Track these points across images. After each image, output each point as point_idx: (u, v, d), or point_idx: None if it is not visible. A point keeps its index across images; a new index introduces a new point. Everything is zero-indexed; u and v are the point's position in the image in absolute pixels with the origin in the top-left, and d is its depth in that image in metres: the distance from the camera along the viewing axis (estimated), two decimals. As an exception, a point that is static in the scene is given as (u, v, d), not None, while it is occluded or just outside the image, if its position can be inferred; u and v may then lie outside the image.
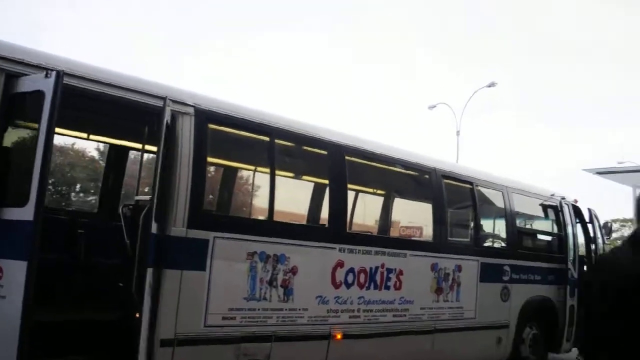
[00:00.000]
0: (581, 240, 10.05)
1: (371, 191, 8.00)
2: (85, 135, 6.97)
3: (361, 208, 7.78)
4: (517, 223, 8.93)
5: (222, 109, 5.70)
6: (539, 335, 8.95)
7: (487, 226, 8.75)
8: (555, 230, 9.71)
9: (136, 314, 4.78)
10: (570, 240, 9.60)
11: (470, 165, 8.69)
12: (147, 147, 6.19)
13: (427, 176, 7.60)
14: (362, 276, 6.46)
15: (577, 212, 10.01)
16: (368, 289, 6.51)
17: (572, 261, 9.53)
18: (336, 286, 6.23)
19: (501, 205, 8.62)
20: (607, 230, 10.84)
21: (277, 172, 6.05)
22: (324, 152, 6.49)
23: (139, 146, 6.60)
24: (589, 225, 10.11)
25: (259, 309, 5.59)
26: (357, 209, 7.57)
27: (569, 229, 9.64)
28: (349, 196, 6.80)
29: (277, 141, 6.07)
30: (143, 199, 5.49)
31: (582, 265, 9.71)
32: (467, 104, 30.36)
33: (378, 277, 6.62)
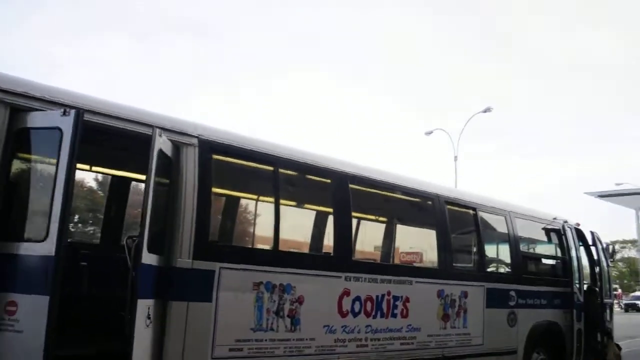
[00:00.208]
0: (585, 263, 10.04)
1: (375, 219, 8.00)
2: (87, 167, 6.96)
3: (366, 236, 7.77)
4: (521, 248, 8.91)
5: (226, 139, 5.71)
6: (547, 360, 8.88)
7: (491, 251, 8.73)
8: (559, 254, 9.69)
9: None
10: (575, 263, 9.57)
11: (470, 190, 8.67)
12: (160, 179, 6.17)
13: (430, 202, 7.60)
14: (368, 304, 6.42)
15: (580, 235, 10.02)
16: (375, 317, 6.46)
17: (577, 285, 9.50)
18: (343, 315, 6.18)
19: (505, 230, 8.61)
20: (611, 252, 10.84)
21: (281, 201, 6.05)
22: (328, 181, 6.49)
23: (141, 177, 6.59)
24: (593, 248, 10.11)
25: (266, 340, 5.53)
26: (362, 236, 7.56)
27: (573, 253, 9.63)
28: (353, 224, 6.80)
29: (281, 171, 6.07)
30: (158, 230, 5.47)
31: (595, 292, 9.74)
32: (464, 129, 30.55)
33: (384, 305, 6.57)
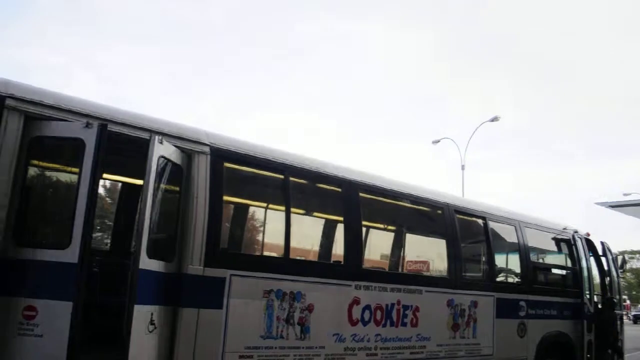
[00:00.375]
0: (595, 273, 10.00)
1: (385, 227, 7.99)
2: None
3: (376, 244, 7.77)
4: (531, 257, 8.88)
5: (237, 147, 5.76)
6: (556, 372, 8.82)
7: (501, 261, 8.70)
8: (569, 265, 9.65)
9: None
10: (585, 274, 9.53)
11: (478, 199, 8.66)
12: (162, 186, 6.22)
13: (440, 212, 7.60)
14: (378, 313, 6.42)
15: (590, 245, 9.97)
16: (385, 326, 6.46)
17: (587, 295, 9.45)
18: (353, 323, 6.19)
19: (515, 240, 8.59)
20: (621, 263, 10.77)
21: (292, 209, 6.07)
22: (339, 189, 6.52)
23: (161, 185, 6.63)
24: (603, 259, 10.06)
25: (275, 347, 5.56)
26: (372, 245, 7.56)
27: (583, 263, 9.58)
28: (363, 232, 6.81)
29: (291, 179, 6.10)
30: (158, 237, 5.51)
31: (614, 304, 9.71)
32: (471, 138, 30.44)
33: (394, 314, 6.57)
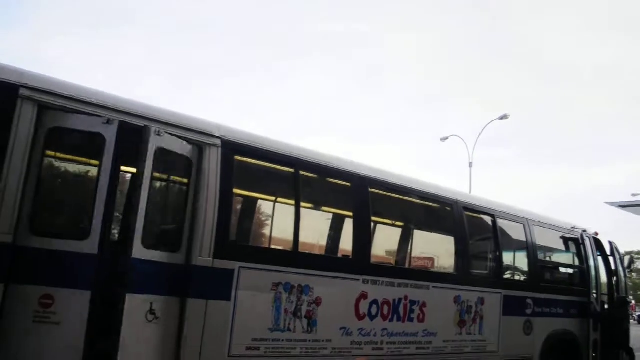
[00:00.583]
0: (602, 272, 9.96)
1: (394, 223, 8.00)
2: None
3: (384, 239, 7.78)
4: (539, 256, 8.88)
5: (248, 140, 5.79)
6: (561, 370, 8.83)
7: (509, 259, 8.68)
8: (577, 263, 9.64)
9: None
10: (593, 273, 9.51)
11: (486, 196, 8.65)
12: (164, 177, 6.23)
13: (448, 208, 7.61)
14: (385, 308, 6.44)
15: (598, 244, 9.94)
16: (391, 320, 6.49)
17: (594, 295, 9.44)
18: (360, 318, 6.21)
19: (523, 237, 8.59)
20: (628, 263, 10.75)
21: (301, 203, 6.09)
22: (348, 184, 6.54)
23: (162, 176, 6.66)
24: (611, 258, 10.03)
25: (283, 340, 5.59)
26: (380, 240, 7.56)
27: (591, 262, 9.56)
28: (372, 227, 6.83)
29: (301, 173, 6.13)
30: (160, 228, 5.54)
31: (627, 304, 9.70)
32: (479, 136, 30.38)
33: (401, 309, 6.59)
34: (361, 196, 6.53)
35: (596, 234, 10.03)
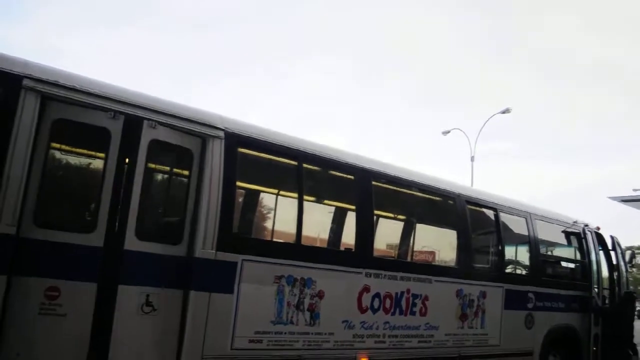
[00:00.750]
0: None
1: (397, 216, 7.98)
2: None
3: (387, 233, 7.75)
4: (541, 250, 8.89)
5: (251, 132, 5.76)
6: (562, 364, 8.84)
7: (511, 253, 8.69)
8: (579, 258, 9.64)
9: None
10: (594, 267, 9.50)
11: (488, 190, 8.62)
12: (169, 170, 6.20)
13: (451, 202, 7.60)
14: (387, 301, 6.45)
15: (600, 239, 9.93)
16: (394, 314, 6.49)
17: (596, 289, 9.44)
18: (362, 311, 6.22)
19: (525, 231, 8.59)
20: (630, 257, 10.73)
21: (305, 196, 6.08)
22: (351, 177, 6.52)
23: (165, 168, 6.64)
24: (612, 253, 10.01)
25: (285, 333, 5.60)
26: (383, 233, 7.54)
27: (593, 256, 9.56)
28: (375, 221, 6.82)
29: (304, 165, 6.11)
30: (167, 220, 5.53)
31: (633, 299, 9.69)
32: (482, 130, 30.26)
33: (404, 303, 6.60)
34: (364, 189, 6.51)
35: (598, 228, 10.01)
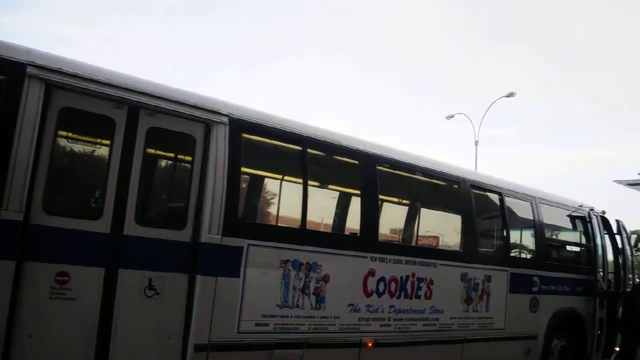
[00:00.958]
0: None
1: (402, 201, 8.00)
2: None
3: (392, 217, 7.78)
4: (546, 234, 8.89)
5: (256, 118, 5.77)
6: (567, 347, 8.88)
7: (516, 236, 8.70)
8: (584, 242, 9.63)
9: None
10: (599, 251, 9.51)
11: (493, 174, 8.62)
12: (171, 156, 6.22)
13: (456, 186, 7.61)
14: (393, 285, 6.48)
15: (605, 223, 9.92)
16: (399, 297, 6.54)
17: (601, 273, 9.44)
18: (367, 295, 6.26)
19: (530, 215, 8.59)
20: (635, 241, 10.73)
21: (309, 181, 6.10)
22: (356, 162, 6.54)
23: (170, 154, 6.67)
24: (617, 237, 10.01)
25: (291, 316, 5.65)
26: (388, 218, 7.58)
27: (598, 241, 9.55)
28: (380, 205, 6.83)
29: (309, 151, 6.12)
30: (170, 205, 5.56)
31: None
32: (486, 114, 30.16)
33: (409, 286, 6.64)
34: (369, 174, 6.53)
35: (603, 212, 9.99)
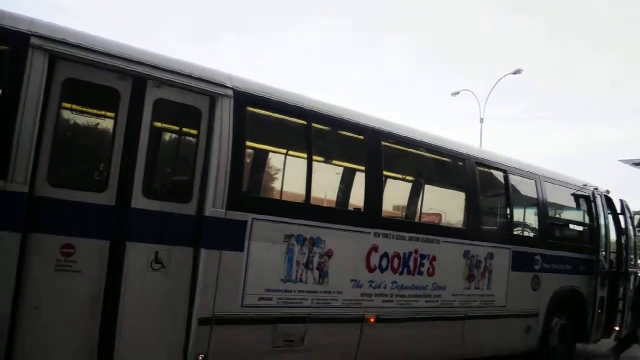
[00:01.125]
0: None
1: (406, 177, 7.97)
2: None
3: (396, 193, 7.75)
4: (550, 212, 8.88)
5: (260, 91, 5.72)
6: (567, 325, 8.94)
7: (519, 214, 8.68)
8: (587, 221, 9.62)
9: None
10: (602, 231, 9.51)
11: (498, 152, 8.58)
12: (177, 129, 6.19)
13: (461, 163, 7.58)
14: (395, 261, 6.50)
15: (609, 203, 9.91)
16: (401, 274, 6.55)
17: (603, 252, 9.46)
18: (370, 270, 6.27)
19: (534, 194, 8.57)
20: (638, 222, 10.74)
21: (314, 155, 6.07)
22: (361, 137, 6.50)
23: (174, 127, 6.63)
24: (621, 217, 10.00)
25: (294, 291, 5.67)
26: (391, 194, 7.54)
27: (601, 220, 9.56)
28: (384, 181, 6.80)
29: (314, 125, 6.08)
30: (175, 178, 5.55)
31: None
32: (492, 91, 29.99)
33: (411, 263, 6.65)
34: (373, 149, 6.49)
35: (607, 191, 9.98)
